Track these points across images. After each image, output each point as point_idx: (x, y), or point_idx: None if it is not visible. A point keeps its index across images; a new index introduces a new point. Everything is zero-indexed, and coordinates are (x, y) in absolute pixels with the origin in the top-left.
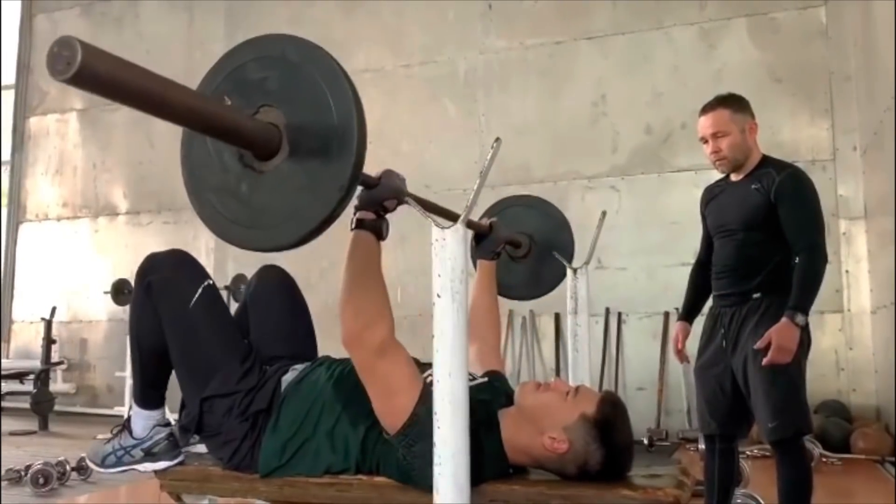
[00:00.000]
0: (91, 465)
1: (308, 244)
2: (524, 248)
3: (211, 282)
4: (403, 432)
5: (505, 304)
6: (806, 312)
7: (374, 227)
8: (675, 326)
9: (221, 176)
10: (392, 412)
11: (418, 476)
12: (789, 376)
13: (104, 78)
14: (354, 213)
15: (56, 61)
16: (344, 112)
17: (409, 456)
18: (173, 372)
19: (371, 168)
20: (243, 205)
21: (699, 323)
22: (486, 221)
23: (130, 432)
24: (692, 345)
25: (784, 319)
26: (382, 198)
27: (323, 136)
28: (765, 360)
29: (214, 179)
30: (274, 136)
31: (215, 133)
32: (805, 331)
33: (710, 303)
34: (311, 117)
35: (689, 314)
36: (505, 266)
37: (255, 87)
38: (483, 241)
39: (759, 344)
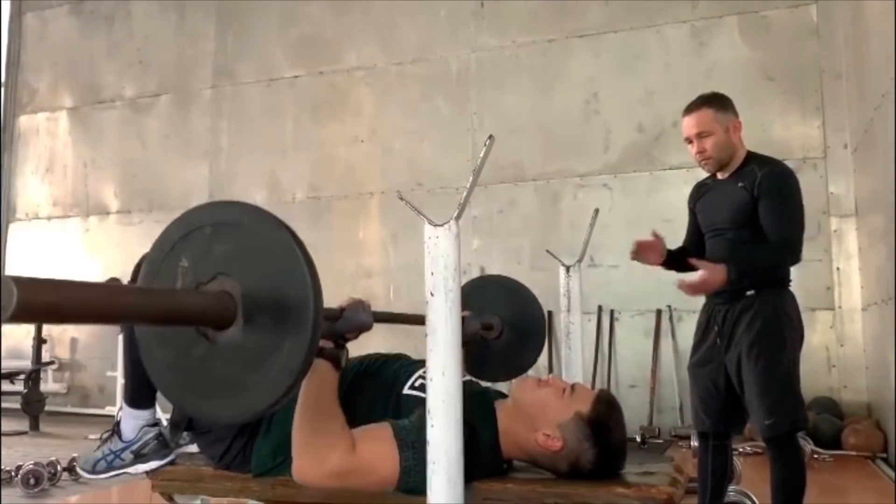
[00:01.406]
0: (83, 474)
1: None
2: (496, 330)
3: None
4: (402, 484)
5: None
6: (740, 272)
7: (332, 356)
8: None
9: (174, 343)
10: (382, 484)
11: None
12: (785, 373)
13: (46, 309)
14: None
15: None
16: (299, 289)
17: (416, 490)
18: None
19: (366, 167)
20: (195, 372)
21: (692, 321)
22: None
23: (119, 435)
24: (685, 342)
25: (723, 265)
26: (344, 331)
27: (278, 311)
28: (685, 284)
29: (167, 344)
30: (227, 307)
31: (170, 323)
32: (798, 327)
33: (702, 299)
34: (266, 289)
35: (672, 253)
36: (478, 348)
37: (211, 254)
38: None
39: (693, 261)
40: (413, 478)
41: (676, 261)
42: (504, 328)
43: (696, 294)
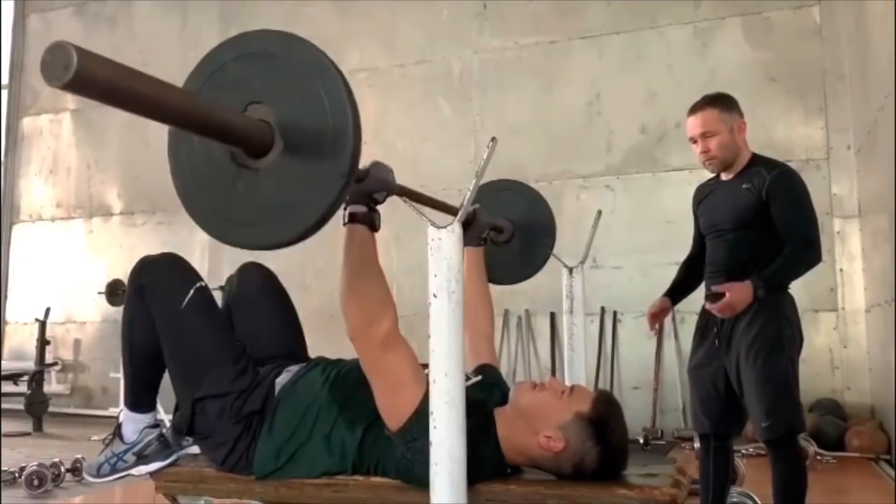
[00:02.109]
0: (88, 479)
1: (302, 245)
2: (507, 233)
3: (203, 283)
4: (406, 428)
5: (500, 303)
6: (768, 289)
7: (367, 220)
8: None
9: (216, 178)
10: (396, 408)
11: (419, 472)
12: (783, 375)
13: (100, 82)
14: (345, 209)
15: (51, 67)
16: (336, 101)
17: (409, 452)
18: (166, 375)
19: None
20: (241, 204)
21: (694, 323)
22: (469, 207)
23: (121, 438)
24: (688, 343)
25: (747, 281)
26: (372, 190)
27: (316, 128)
28: (715, 307)
29: (209, 182)
30: (266, 132)
31: (210, 132)
32: (796, 329)
33: (700, 301)
34: (302, 110)
35: (673, 293)
36: (491, 253)
37: (239, 86)
38: (467, 228)
39: (717, 288)
40: (418, 432)
41: (682, 290)
42: (514, 230)
43: (726, 315)
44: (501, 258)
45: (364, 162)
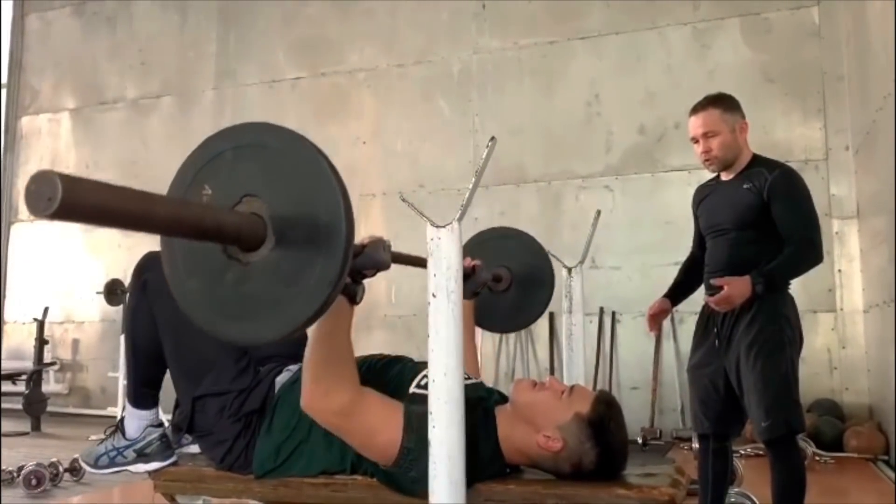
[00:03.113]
0: (84, 466)
1: None
2: (505, 282)
3: None
4: (398, 464)
5: None
6: (767, 286)
7: (348, 292)
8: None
9: (206, 268)
10: (378, 451)
11: (420, 492)
12: (782, 375)
13: (88, 208)
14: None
15: (36, 198)
16: (329, 203)
17: (406, 480)
18: (167, 373)
19: (368, 168)
20: (229, 296)
21: (693, 323)
22: (469, 262)
23: (123, 433)
24: (687, 344)
25: (747, 277)
26: (363, 267)
27: (309, 227)
28: (713, 300)
29: (199, 272)
30: (258, 227)
31: (201, 237)
32: (797, 329)
33: (699, 301)
34: (296, 207)
35: (673, 294)
36: (486, 300)
37: (236, 178)
38: (464, 281)
39: (715, 281)
40: (411, 465)
41: (681, 291)
42: (513, 280)
43: (723, 309)
44: (496, 306)
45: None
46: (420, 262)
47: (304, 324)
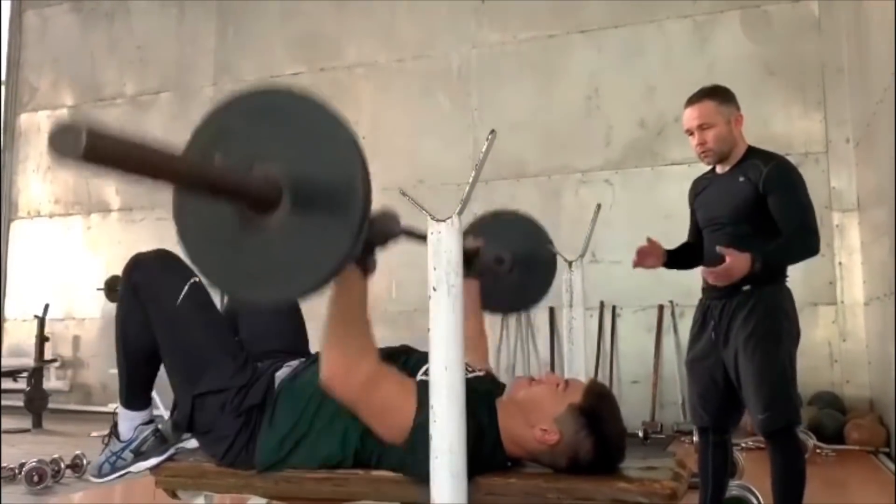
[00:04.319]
0: (93, 480)
1: None
2: (507, 265)
3: (197, 279)
4: (409, 441)
5: None
6: (766, 265)
7: (362, 263)
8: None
9: (223, 237)
10: (391, 430)
11: (422, 469)
12: (780, 368)
13: (111, 155)
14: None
15: (61, 145)
16: (345, 154)
17: (414, 460)
18: (162, 371)
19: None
20: (250, 261)
21: (691, 316)
22: (472, 243)
23: (117, 436)
24: (685, 338)
25: (748, 253)
26: (375, 238)
27: (324, 183)
28: (711, 273)
29: (216, 242)
30: (273, 189)
31: (216, 193)
32: (794, 322)
33: (699, 295)
34: (309, 165)
35: (670, 254)
36: (489, 282)
37: (244, 143)
38: (468, 260)
39: (720, 249)
40: (421, 441)
41: (678, 259)
42: (515, 262)
43: (719, 282)
44: (499, 288)
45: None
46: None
47: (321, 282)
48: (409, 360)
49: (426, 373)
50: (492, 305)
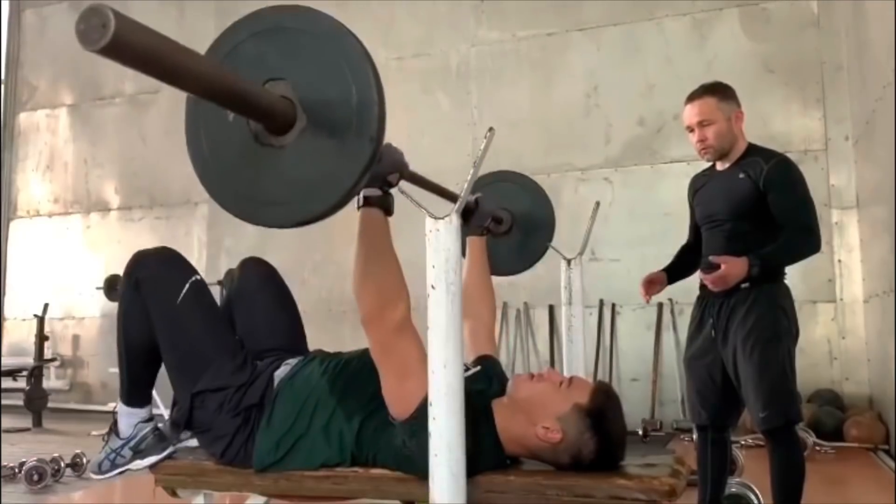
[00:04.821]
0: (93, 477)
1: (299, 239)
2: (506, 224)
3: (198, 277)
4: (411, 419)
5: (499, 296)
6: (764, 269)
7: (381, 203)
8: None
9: (239, 159)
10: (403, 397)
11: (420, 464)
12: (779, 366)
13: (136, 47)
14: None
15: (89, 30)
16: (358, 69)
17: (410, 444)
18: (163, 369)
19: None
20: (268, 183)
21: (688, 314)
22: (471, 197)
23: (117, 433)
24: (684, 335)
25: (744, 258)
26: (386, 172)
27: (340, 99)
28: (708, 278)
29: (232, 164)
30: (288, 108)
31: (236, 105)
32: (793, 320)
33: (698, 292)
34: (323, 83)
35: (669, 271)
36: (488, 243)
37: (256, 63)
38: (470, 217)
39: (714, 258)
40: (422, 425)
41: (677, 271)
42: (513, 222)
43: (717, 288)
44: (499, 249)
45: None
46: (434, 188)
47: (350, 191)
48: None
49: None
50: (492, 268)
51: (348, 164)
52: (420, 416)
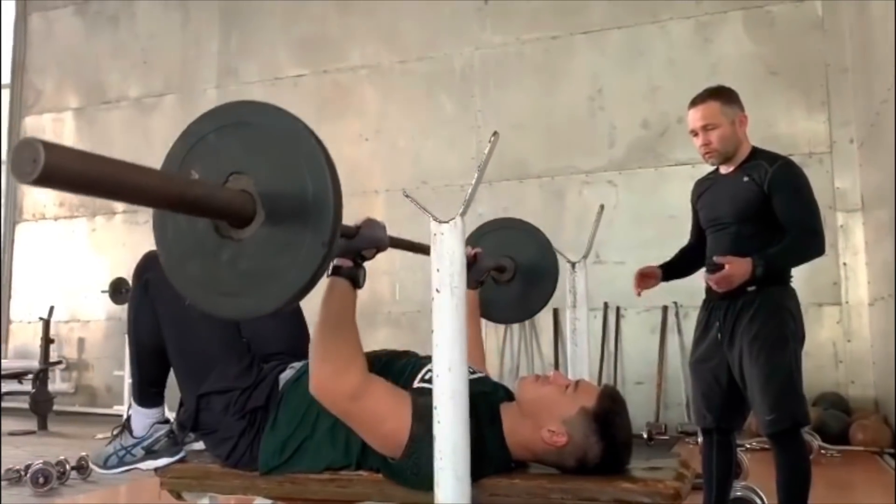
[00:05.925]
0: (95, 468)
1: None
2: (509, 273)
3: None
4: (407, 455)
5: None
6: (768, 270)
7: (350, 275)
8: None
9: (200, 250)
10: (386, 441)
11: (427, 485)
12: (786, 369)
13: (71, 174)
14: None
15: (20, 163)
16: (315, 168)
17: (418, 474)
18: (172, 373)
19: (371, 165)
20: (226, 274)
21: (695, 317)
22: (470, 251)
23: (131, 432)
24: (689, 338)
25: (748, 258)
26: (361, 248)
27: (297, 196)
28: (712, 278)
29: (193, 254)
30: (247, 202)
31: (188, 209)
32: (799, 323)
33: (703, 295)
34: (281, 179)
35: (666, 268)
36: (491, 290)
37: (221, 157)
38: (468, 270)
39: (718, 258)
40: (420, 456)
41: (675, 271)
42: (517, 270)
43: (721, 288)
44: (500, 297)
45: (374, 162)
46: (418, 248)
47: (300, 292)
48: (408, 363)
49: (424, 379)
50: (494, 315)
51: (300, 267)
52: (413, 451)
